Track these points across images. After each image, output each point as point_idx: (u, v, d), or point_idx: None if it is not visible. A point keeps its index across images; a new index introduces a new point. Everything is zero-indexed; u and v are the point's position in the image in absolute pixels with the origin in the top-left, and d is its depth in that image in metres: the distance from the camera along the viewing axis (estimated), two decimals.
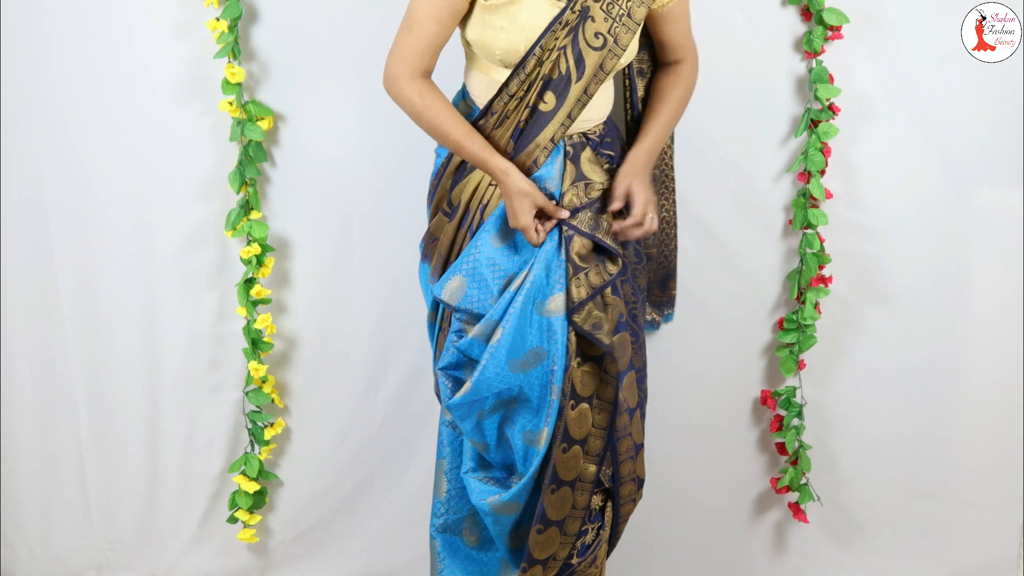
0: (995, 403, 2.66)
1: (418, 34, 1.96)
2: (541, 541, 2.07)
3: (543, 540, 2.08)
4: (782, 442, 2.63)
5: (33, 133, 2.52)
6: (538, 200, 1.97)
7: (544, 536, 2.07)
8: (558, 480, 2.04)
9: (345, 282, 2.61)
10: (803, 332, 2.55)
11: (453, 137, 1.98)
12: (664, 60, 2.18)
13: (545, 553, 2.09)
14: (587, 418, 2.06)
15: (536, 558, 2.09)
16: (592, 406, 2.06)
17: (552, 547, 2.09)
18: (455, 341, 2.06)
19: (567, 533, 2.10)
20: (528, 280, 1.98)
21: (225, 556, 2.77)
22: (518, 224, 1.98)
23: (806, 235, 2.51)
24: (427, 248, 2.16)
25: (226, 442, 2.69)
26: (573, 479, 2.07)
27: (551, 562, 2.11)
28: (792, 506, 2.66)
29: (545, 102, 1.97)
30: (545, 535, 2.07)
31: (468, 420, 2.06)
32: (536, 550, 2.08)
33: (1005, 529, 2.73)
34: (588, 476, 2.09)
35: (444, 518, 2.21)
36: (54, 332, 2.65)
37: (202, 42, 2.44)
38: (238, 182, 2.48)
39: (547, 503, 2.05)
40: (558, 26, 1.93)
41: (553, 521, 2.07)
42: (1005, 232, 2.56)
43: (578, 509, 2.10)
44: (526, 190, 1.96)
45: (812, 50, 2.40)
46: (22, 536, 2.80)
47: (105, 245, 2.58)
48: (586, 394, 2.05)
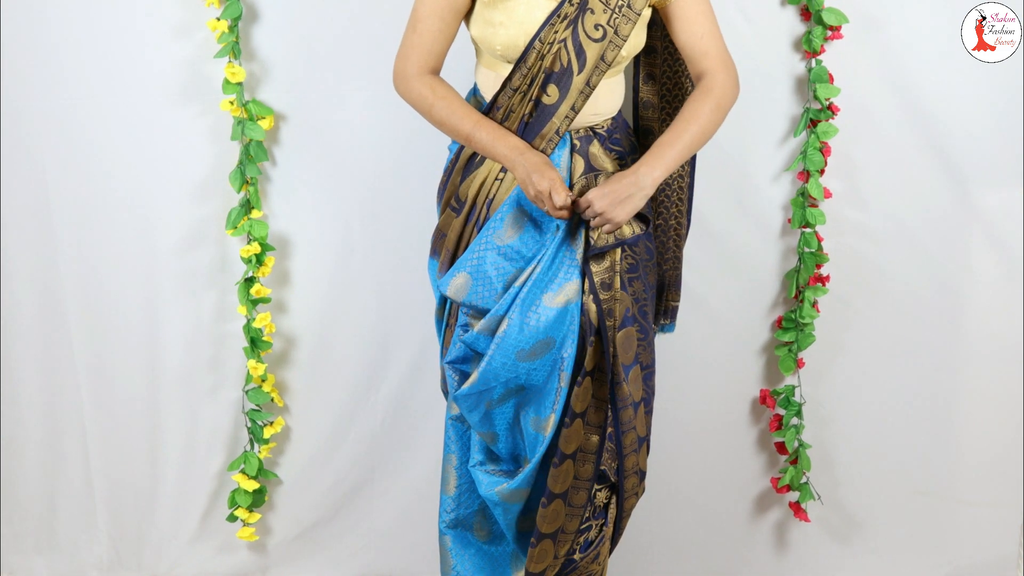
0: (995, 402, 2.65)
1: (423, 32, 1.99)
2: (547, 515, 2.08)
3: (550, 514, 2.08)
4: (781, 441, 2.63)
5: (35, 133, 2.53)
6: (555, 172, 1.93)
7: (550, 509, 2.08)
8: (560, 454, 2.05)
9: (345, 281, 2.61)
10: (801, 331, 2.55)
11: (465, 127, 1.99)
12: (691, 72, 2.08)
13: (553, 526, 2.10)
14: (588, 391, 2.06)
15: (544, 532, 2.10)
16: (594, 379, 2.06)
17: (559, 520, 2.10)
18: (461, 335, 2.07)
19: (572, 504, 2.10)
20: (537, 271, 1.99)
21: (225, 555, 2.77)
22: (543, 184, 1.90)
23: (804, 234, 2.51)
24: (436, 243, 2.17)
25: (226, 440, 2.69)
26: (575, 450, 2.07)
27: (560, 535, 2.12)
28: (793, 505, 2.66)
29: (548, 95, 1.98)
30: (551, 508, 2.08)
31: (476, 411, 2.07)
32: (543, 524, 2.09)
33: (1005, 529, 2.73)
34: (590, 446, 2.09)
35: (455, 513, 2.22)
36: (57, 330, 2.66)
37: (203, 42, 2.45)
38: (239, 181, 2.49)
39: (550, 476, 2.06)
40: (556, 19, 1.94)
41: (557, 494, 2.08)
42: (1005, 232, 2.56)
43: (581, 479, 2.10)
44: (546, 159, 1.95)
45: (812, 50, 2.41)
46: (25, 534, 2.81)
47: (107, 243, 2.59)
48: (590, 367, 2.05)
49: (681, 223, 2.32)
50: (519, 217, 2.03)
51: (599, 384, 2.07)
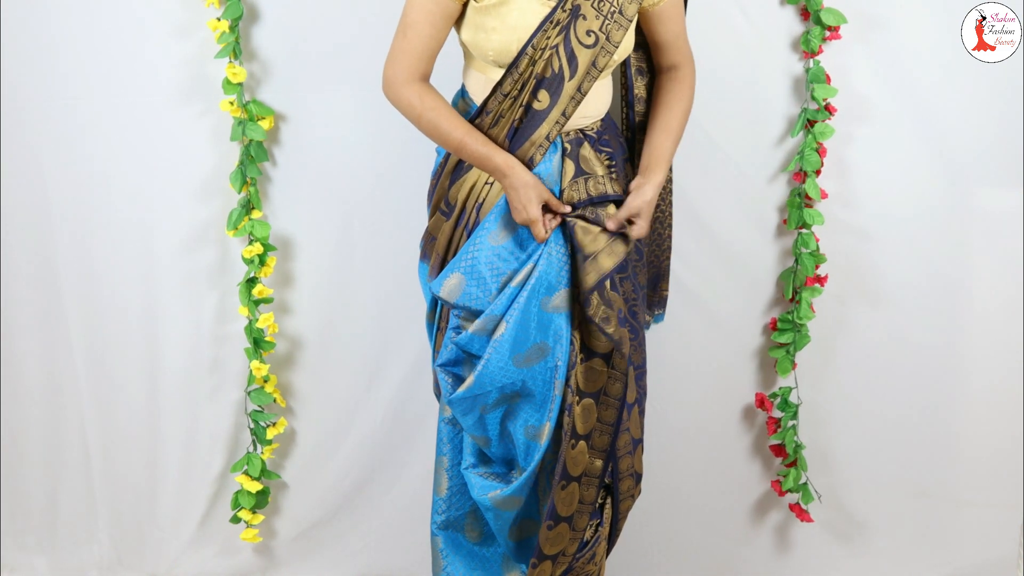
0: (995, 403, 2.65)
1: (413, 38, 1.98)
2: (552, 537, 2.09)
3: (553, 536, 2.09)
4: (777, 444, 2.63)
5: (35, 133, 2.54)
6: (543, 193, 1.98)
7: (555, 532, 2.09)
8: (567, 476, 2.06)
9: (346, 281, 2.61)
10: (798, 332, 2.55)
11: (454, 137, 1.98)
12: (660, 63, 2.16)
13: (555, 549, 2.11)
14: (592, 413, 2.06)
15: (546, 554, 2.10)
16: (597, 402, 2.06)
17: (562, 543, 2.11)
18: (454, 337, 2.07)
19: (576, 528, 2.11)
20: (533, 275, 1.99)
21: (226, 556, 2.78)
22: (525, 217, 1.97)
23: (801, 235, 2.50)
24: (425, 247, 2.17)
25: (227, 442, 2.70)
26: (580, 474, 2.08)
27: (560, 557, 2.13)
28: (794, 507, 2.65)
29: (539, 100, 1.98)
30: (555, 531, 2.09)
31: (471, 415, 2.07)
32: (547, 546, 2.09)
33: (1005, 529, 2.72)
34: (595, 471, 2.10)
35: (446, 515, 2.22)
36: (58, 332, 2.67)
37: (203, 42, 2.45)
38: (239, 182, 2.49)
39: (557, 499, 2.06)
40: (549, 25, 1.93)
41: (563, 517, 2.08)
42: (1005, 232, 2.55)
43: (585, 504, 2.11)
44: (532, 182, 1.97)
45: (810, 50, 2.40)
46: (26, 535, 2.82)
47: (107, 244, 2.59)
48: (591, 390, 2.05)
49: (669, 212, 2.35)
50: (512, 219, 2.03)
51: (605, 408, 2.07)
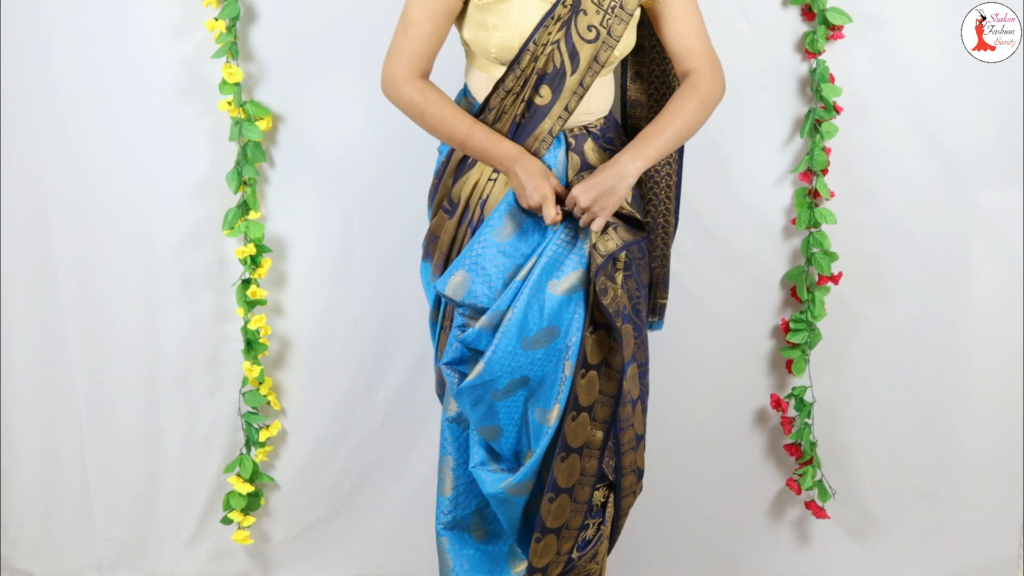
0: (995, 403, 2.65)
1: (413, 36, 1.97)
2: (553, 510, 2.08)
3: (555, 509, 2.08)
4: (792, 443, 2.62)
5: (33, 133, 2.53)
6: (552, 180, 1.96)
7: (556, 504, 2.08)
8: (567, 447, 2.05)
9: (343, 283, 2.61)
10: (812, 331, 2.55)
11: (459, 131, 1.98)
12: (677, 71, 2.09)
13: (558, 521, 2.10)
14: (595, 385, 2.05)
15: (549, 527, 2.09)
16: (600, 373, 2.05)
17: (564, 515, 2.10)
18: (459, 336, 2.06)
19: (577, 500, 2.10)
20: (539, 263, 1.98)
21: (224, 556, 2.77)
22: (537, 197, 1.93)
23: (813, 234, 2.50)
24: (428, 247, 2.16)
25: (224, 442, 2.69)
26: (581, 445, 2.07)
27: (564, 531, 2.11)
28: (810, 505, 2.65)
29: (541, 96, 1.97)
30: (557, 503, 2.08)
31: (480, 405, 2.06)
32: (548, 519, 2.08)
33: (1005, 529, 2.72)
34: (595, 443, 2.08)
35: (452, 515, 2.22)
36: (55, 331, 2.66)
37: (200, 42, 2.45)
38: (236, 182, 2.48)
39: (557, 471, 2.05)
40: (550, 21, 1.93)
41: (563, 488, 2.07)
42: (1005, 232, 2.55)
43: (586, 475, 2.09)
44: (542, 168, 1.96)
45: (814, 50, 2.40)
46: (24, 535, 2.81)
47: (105, 244, 2.59)
48: (595, 361, 2.04)
49: (669, 221, 2.31)
50: (517, 214, 2.02)
51: (607, 379, 2.06)
